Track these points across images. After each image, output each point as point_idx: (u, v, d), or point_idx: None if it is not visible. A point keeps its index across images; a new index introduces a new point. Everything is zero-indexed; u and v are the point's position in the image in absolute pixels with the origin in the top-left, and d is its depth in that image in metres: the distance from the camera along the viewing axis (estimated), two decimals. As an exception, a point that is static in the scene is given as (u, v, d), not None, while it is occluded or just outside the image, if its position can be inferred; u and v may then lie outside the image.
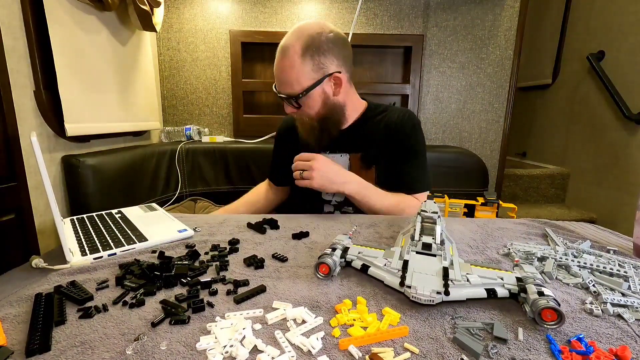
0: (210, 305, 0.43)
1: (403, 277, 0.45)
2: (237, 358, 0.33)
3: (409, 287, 0.43)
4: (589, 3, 2.26)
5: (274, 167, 1.13)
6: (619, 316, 0.42)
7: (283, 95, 0.89)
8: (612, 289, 0.48)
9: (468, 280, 0.45)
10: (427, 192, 0.95)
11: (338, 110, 0.93)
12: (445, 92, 1.95)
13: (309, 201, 0.99)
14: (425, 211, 0.62)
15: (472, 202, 1.45)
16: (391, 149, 0.94)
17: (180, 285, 0.48)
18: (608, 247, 0.63)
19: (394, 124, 0.95)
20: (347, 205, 0.96)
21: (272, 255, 0.59)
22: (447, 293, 0.42)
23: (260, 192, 1.14)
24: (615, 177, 2.03)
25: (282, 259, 0.57)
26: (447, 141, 2.00)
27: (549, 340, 0.37)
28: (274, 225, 0.74)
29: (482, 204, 1.44)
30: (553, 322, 0.39)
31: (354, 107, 0.98)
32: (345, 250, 0.54)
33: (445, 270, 0.46)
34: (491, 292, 0.44)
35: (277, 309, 0.42)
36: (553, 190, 2.39)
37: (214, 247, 0.61)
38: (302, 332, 0.38)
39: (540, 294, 0.41)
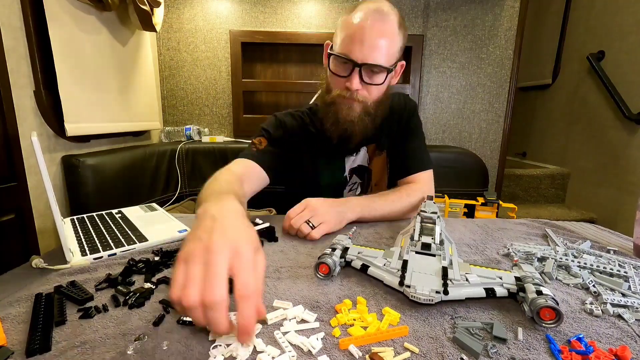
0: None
1: (402, 277, 0.45)
2: (238, 358, 0.33)
3: (408, 286, 0.43)
4: (589, 3, 2.26)
5: (273, 163, 0.89)
6: (619, 316, 0.42)
7: (369, 63, 0.74)
8: (612, 290, 0.48)
9: (467, 279, 0.45)
10: (432, 170, 0.93)
11: (388, 101, 0.87)
12: (445, 92, 1.95)
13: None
14: (425, 211, 0.63)
15: (472, 202, 1.45)
16: (397, 132, 0.93)
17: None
18: (608, 247, 0.63)
19: (397, 108, 0.92)
20: None
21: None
22: (446, 292, 0.42)
23: (254, 172, 0.84)
24: (615, 177, 2.03)
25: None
26: (447, 141, 2.00)
27: (549, 340, 0.37)
28: (271, 236, 0.67)
29: (482, 204, 1.44)
30: (551, 321, 0.39)
31: None
32: (345, 250, 0.55)
33: (444, 270, 0.46)
34: (490, 292, 0.44)
35: (277, 308, 0.42)
36: (553, 190, 2.39)
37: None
38: (302, 332, 0.38)
39: (539, 293, 0.41)
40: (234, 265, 0.33)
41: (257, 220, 0.70)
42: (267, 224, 0.68)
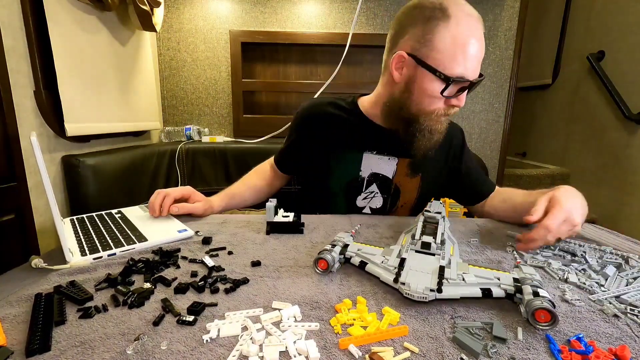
0: (214, 304, 0.43)
1: (398, 274, 0.45)
2: (250, 357, 0.34)
3: (403, 283, 0.44)
4: (589, 3, 2.26)
5: (287, 154, 0.96)
6: (616, 316, 0.42)
7: (479, 79, 0.69)
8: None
9: (463, 279, 0.45)
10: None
11: None
12: (445, 92, 1.94)
13: (329, 204, 0.88)
14: (429, 211, 0.63)
15: (472, 202, 1.44)
16: (448, 159, 0.89)
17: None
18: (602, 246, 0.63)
19: (450, 131, 0.83)
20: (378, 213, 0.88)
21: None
22: (439, 291, 0.42)
23: (267, 176, 0.99)
24: (615, 177, 2.03)
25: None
26: (447, 141, 2.00)
27: (549, 339, 0.37)
28: (296, 228, 0.69)
29: (482, 204, 1.43)
30: (546, 323, 0.39)
31: None
32: (345, 247, 0.55)
33: (441, 269, 0.46)
34: (486, 292, 0.44)
35: (276, 309, 0.42)
36: (553, 190, 2.39)
37: (211, 250, 0.61)
38: (301, 332, 0.38)
39: (536, 294, 0.41)
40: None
41: (285, 214, 0.73)
42: (291, 218, 0.71)
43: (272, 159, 1.00)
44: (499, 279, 0.46)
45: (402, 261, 0.49)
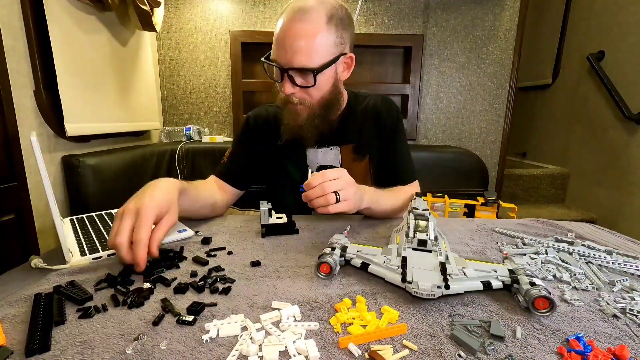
0: (213, 304, 0.43)
1: (404, 274, 0.46)
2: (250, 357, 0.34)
3: (410, 282, 0.44)
4: (589, 3, 2.26)
5: (233, 165, 0.91)
6: (615, 316, 0.42)
7: (294, 67, 0.73)
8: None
9: (464, 273, 0.47)
10: (417, 180, 0.94)
11: (339, 96, 0.86)
12: (445, 92, 1.95)
13: (297, 200, 0.87)
14: (417, 208, 0.63)
15: (472, 202, 1.44)
16: (382, 137, 0.91)
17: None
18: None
19: (381, 110, 0.91)
20: None
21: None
22: (447, 287, 0.43)
23: (214, 193, 0.85)
24: (615, 177, 2.03)
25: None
26: (447, 141, 2.00)
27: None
28: (291, 229, 0.69)
29: (482, 204, 1.44)
30: (545, 310, 0.41)
31: (343, 94, 0.91)
32: (344, 249, 0.55)
33: (443, 265, 0.47)
34: (486, 284, 0.46)
35: (276, 309, 0.42)
36: (553, 190, 2.39)
37: (210, 251, 0.61)
38: (300, 331, 0.38)
39: (532, 284, 0.43)
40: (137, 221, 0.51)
41: (278, 215, 0.72)
42: (284, 219, 0.70)
43: (212, 182, 0.89)
44: (495, 271, 0.48)
45: (404, 260, 0.49)
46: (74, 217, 0.76)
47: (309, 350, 0.34)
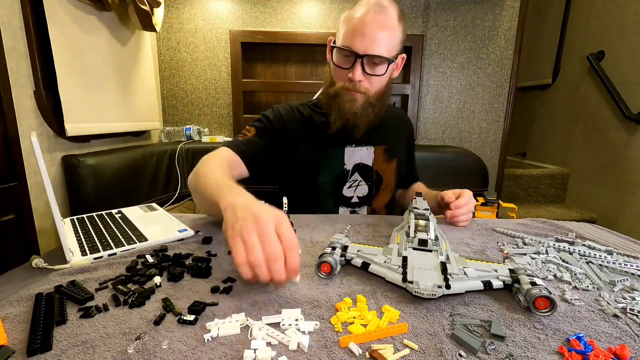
0: (214, 304, 0.43)
1: (405, 273, 0.46)
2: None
3: (411, 282, 0.44)
4: (589, 3, 2.26)
5: (256, 150, 0.86)
6: (615, 316, 0.42)
7: (370, 54, 0.76)
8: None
9: (465, 273, 0.47)
10: None
11: (389, 92, 0.89)
12: (445, 92, 1.95)
13: (319, 199, 0.92)
14: (417, 208, 0.63)
15: (472, 202, 1.44)
16: (407, 143, 1.02)
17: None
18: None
19: (404, 119, 1.04)
20: (361, 205, 0.94)
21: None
22: (448, 287, 0.43)
23: (234, 163, 0.83)
24: (615, 177, 2.03)
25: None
26: (447, 141, 2.00)
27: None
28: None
29: (482, 204, 1.44)
30: (546, 310, 0.41)
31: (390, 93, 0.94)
32: (344, 248, 0.55)
33: (443, 265, 0.47)
34: (487, 284, 0.46)
35: (276, 309, 0.42)
36: (553, 190, 2.39)
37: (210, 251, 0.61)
38: (299, 332, 0.38)
39: (533, 284, 0.43)
40: (278, 229, 0.43)
41: None
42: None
43: (227, 164, 0.79)
44: (496, 271, 0.48)
45: (405, 260, 0.49)
46: (75, 217, 0.76)
47: (302, 342, 0.35)
